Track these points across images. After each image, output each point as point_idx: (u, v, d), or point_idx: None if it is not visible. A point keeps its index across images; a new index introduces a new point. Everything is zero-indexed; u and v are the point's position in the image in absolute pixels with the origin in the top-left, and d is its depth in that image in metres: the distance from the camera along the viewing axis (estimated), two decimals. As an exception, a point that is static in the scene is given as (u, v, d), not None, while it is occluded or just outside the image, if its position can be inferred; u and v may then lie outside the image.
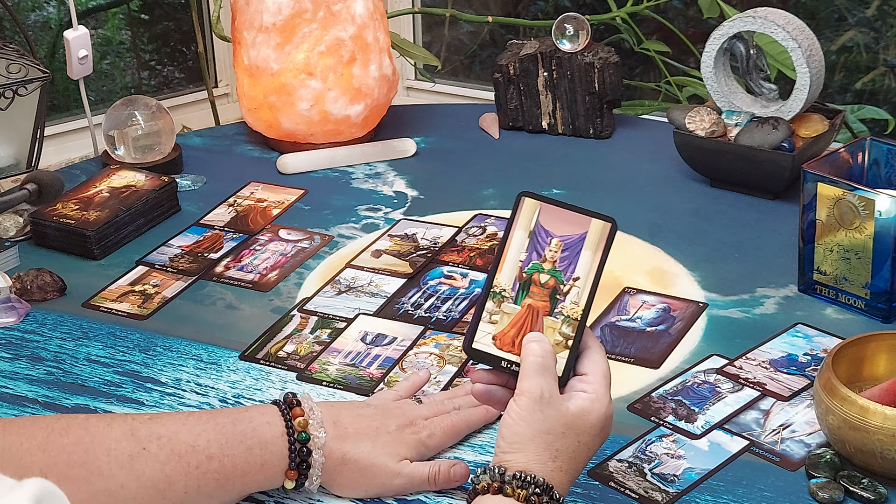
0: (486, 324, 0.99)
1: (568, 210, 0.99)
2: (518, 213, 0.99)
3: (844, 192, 1.28)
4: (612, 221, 0.98)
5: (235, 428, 1.01)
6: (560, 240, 0.98)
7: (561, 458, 0.94)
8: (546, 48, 1.77)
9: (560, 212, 0.99)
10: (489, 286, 0.99)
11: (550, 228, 0.99)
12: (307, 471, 1.02)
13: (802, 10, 2.51)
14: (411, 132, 1.83)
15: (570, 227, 0.98)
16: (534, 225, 0.99)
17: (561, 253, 0.98)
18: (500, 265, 0.99)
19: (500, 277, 0.99)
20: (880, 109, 2.26)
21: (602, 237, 0.98)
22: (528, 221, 0.99)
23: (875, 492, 1.04)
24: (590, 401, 0.95)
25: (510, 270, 0.99)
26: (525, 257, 0.99)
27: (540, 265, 0.99)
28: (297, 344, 1.30)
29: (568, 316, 0.98)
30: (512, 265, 0.99)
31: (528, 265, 0.99)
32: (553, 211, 0.99)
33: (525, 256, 0.99)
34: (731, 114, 1.60)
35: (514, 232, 0.99)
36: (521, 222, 0.99)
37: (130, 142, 1.68)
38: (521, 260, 0.99)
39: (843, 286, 1.32)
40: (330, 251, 1.50)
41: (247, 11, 1.71)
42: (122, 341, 1.32)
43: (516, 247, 0.99)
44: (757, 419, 1.16)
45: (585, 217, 0.98)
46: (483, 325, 0.99)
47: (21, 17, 2.27)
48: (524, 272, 0.99)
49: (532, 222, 0.99)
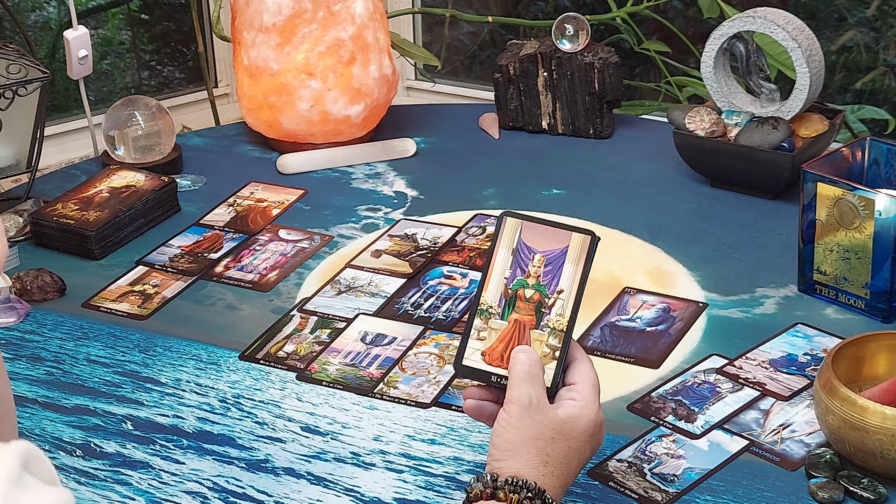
0: (475, 340, 1.01)
1: (549, 226, 1.02)
2: (501, 232, 1.02)
3: (844, 192, 1.28)
4: (591, 234, 1.01)
5: None
6: (543, 255, 1.01)
7: (552, 462, 0.95)
8: (546, 48, 1.77)
9: (541, 228, 1.02)
10: (476, 304, 1.01)
11: (533, 245, 1.01)
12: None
13: (802, 10, 2.51)
14: (411, 132, 1.83)
15: (552, 242, 1.01)
16: (516, 242, 1.02)
17: (544, 268, 1.01)
18: (485, 283, 1.01)
19: (486, 295, 1.01)
20: (880, 109, 2.26)
21: (583, 250, 1.00)
22: (511, 239, 1.02)
23: (875, 492, 1.04)
24: (578, 407, 0.97)
25: (496, 287, 1.01)
26: (510, 274, 1.01)
27: (524, 280, 1.01)
28: (297, 344, 1.30)
29: (554, 328, 1.00)
30: (497, 282, 1.01)
31: (513, 281, 1.01)
32: (534, 228, 1.02)
33: (510, 273, 1.01)
34: (731, 114, 1.60)
35: (498, 251, 1.02)
36: (504, 241, 1.02)
37: (130, 142, 1.68)
38: (505, 277, 1.01)
39: (843, 286, 1.32)
40: (330, 251, 1.50)
41: (247, 11, 1.71)
42: (122, 341, 1.32)
43: (501, 264, 1.02)
44: (757, 419, 1.16)
45: (566, 232, 1.01)
46: (472, 342, 1.01)
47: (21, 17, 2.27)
48: (509, 288, 1.01)
49: (514, 240, 1.02)
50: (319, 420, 1.18)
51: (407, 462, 1.12)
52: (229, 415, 1.19)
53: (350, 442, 1.15)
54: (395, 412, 1.19)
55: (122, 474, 1.12)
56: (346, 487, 1.09)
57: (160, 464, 1.13)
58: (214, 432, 1.17)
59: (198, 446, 1.15)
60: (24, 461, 0.64)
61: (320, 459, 1.13)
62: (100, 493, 1.09)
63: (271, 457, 1.13)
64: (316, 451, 1.14)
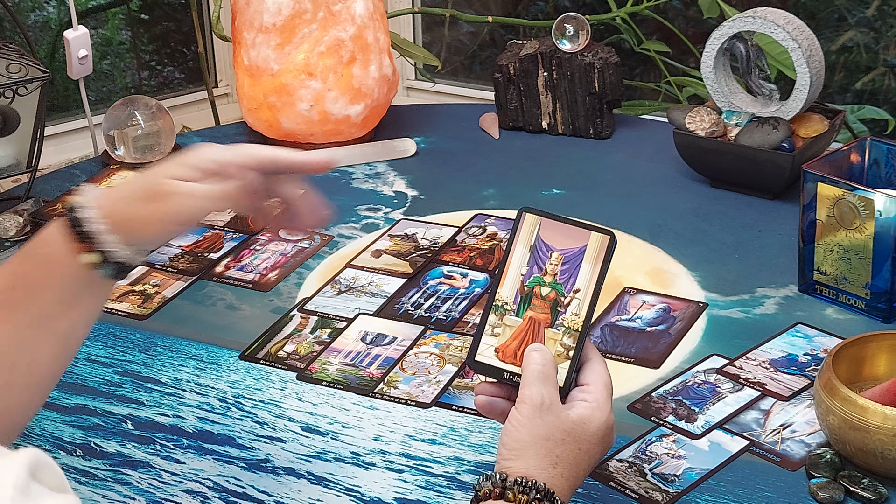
0: (489, 336, 1.00)
1: (568, 224, 1.01)
2: (519, 228, 1.01)
3: (844, 192, 1.28)
4: (610, 234, 1.00)
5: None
6: (560, 253, 1.00)
7: (561, 464, 0.95)
8: (546, 48, 1.77)
9: (560, 226, 1.01)
10: (492, 300, 1.01)
11: (551, 242, 1.01)
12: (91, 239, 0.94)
13: (802, 10, 2.51)
14: (411, 132, 1.83)
15: (570, 240, 1.00)
16: (534, 239, 1.01)
17: (561, 266, 1.00)
18: (502, 279, 1.01)
19: (503, 291, 1.01)
20: (880, 109, 2.26)
21: (601, 250, 1.00)
22: (529, 236, 1.01)
23: (875, 492, 1.04)
24: (590, 409, 0.96)
25: (512, 284, 1.01)
26: (526, 271, 1.01)
27: (541, 278, 1.00)
28: (297, 344, 1.30)
29: (569, 327, 0.99)
30: (514, 279, 1.01)
31: (530, 278, 1.01)
32: (553, 225, 1.01)
33: (526, 270, 1.01)
34: (731, 114, 1.60)
35: (516, 247, 1.01)
36: (523, 237, 1.01)
37: (130, 142, 1.68)
38: (522, 273, 1.01)
39: (843, 286, 1.32)
40: (330, 251, 1.50)
41: (247, 11, 1.71)
42: (122, 341, 1.32)
43: (518, 261, 1.01)
44: (757, 419, 1.16)
45: (585, 231, 1.00)
46: (486, 338, 1.00)
47: (21, 17, 2.27)
48: (525, 285, 1.01)
49: (533, 237, 1.01)
50: (320, 420, 1.18)
51: (407, 462, 1.12)
52: (229, 415, 1.19)
53: (350, 442, 1.15)
54: (395, 412, 1.19)
55: (123, 474, 1.12)
56: (347, 487, 1.09)
57: (160, 463, 1.13)
58: (215, 432, 1.17)
59: (198, 446, 1.15)
60: (31, 469, 0.64)
61: (320, 459, 1.13)
62: (100, 492, 1.09)
63: (271, 457, 1.13)
64: (316, 451, 1.14)
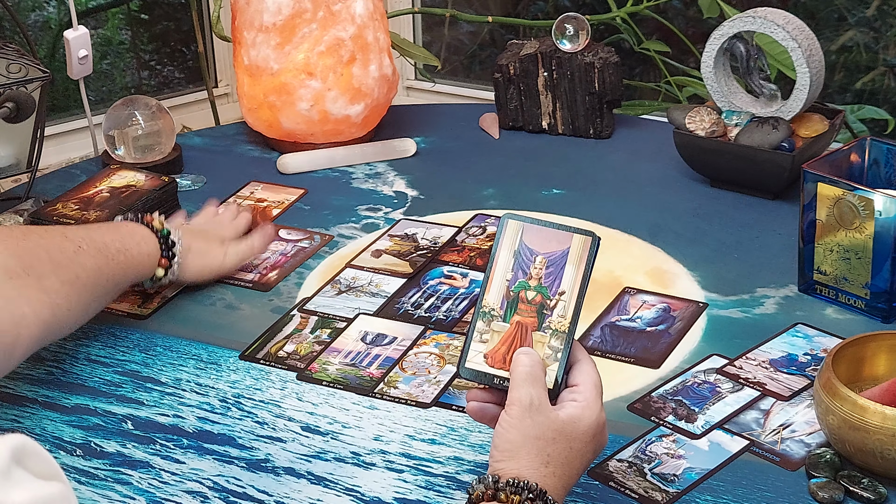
0: (478, 343, 1.01)
1: (550, 228, 1.02)
2: (502, 234, 1.02)
3: (844, 192, 1.28)
4: (592, 236, 1.01)
5: (122, 230, 1.29)
6: (544, 257, 1.01)
7: (553, 463, 0.95)
8: (546, 48, 1.77)
9: (543, 230, 1.02)
10: (479, 307, 1.02)
11: (534, 247, 1.02)
12: (173, 259, 1.32)
13: (802, 10, 2.51)
14: (411, 132, 1.83)
15: (553, 244, 1.01)
16: (518, 244, 1.02)
17: (545, 269, 1.01)
18: (487, 286, 1.02)
19: (489, 297, 1.02)
20: (880, 109, 2.26)
21: (584, 251, 1.01)
22: (513, 242, 1.02)
23: (875, 492, 1.04)
24: (580, 408, 0.97)
25: (498, 290, 1.02)
26: (511, 276, 1.02)
27: (526, 283, 1.01)
28: (297, 344, 1.30)
29: (556, 329, 1.00)
30: (499, 285, 1.02)
31: (515, 283, 1.01)
32: (536, 230, 1.02)
33: (511, 275, 1.02)
34: (731, 114, 1.60)
35: (500, 253, 1.02)
36: (506, 243, 1.02)
37: (130, 142, 1.68)
38: (507, 279, 1.02)
39: (843, 286, 1.32)
40: (330, 251, 1.50)
41: (247, 11, 1.71)
42: (122, 341, 1.32)
43: (502, 267, 1.02)
44: (757, 419, 1.16)
45: (567, 234, 1.01)
46: (474, 345, 1.01)
47: (21, 17, 2.27)
48: (511, 290, 1.01)
49: (516, 242, 1.02)
50: (320, 420, 1.18)
51: (407, 462, 1.12)
52: (229, 414, 1.19)
53: (350, 442, 1.15)
54: (395, 412, 1.19)
55: (123, 474, 1.12)
56: (347, 487, 1.09)
57: (160, 463, 1.13)
58: (215, 432, 1.17)
59: (198, 446, 1.15)
60: (15, 454, 0.63)
61: (320, 459, 1.13)
62: (100, 492, 1.09)
63: (271, 456, 1.13)
64: (316, 451, 1.14)
